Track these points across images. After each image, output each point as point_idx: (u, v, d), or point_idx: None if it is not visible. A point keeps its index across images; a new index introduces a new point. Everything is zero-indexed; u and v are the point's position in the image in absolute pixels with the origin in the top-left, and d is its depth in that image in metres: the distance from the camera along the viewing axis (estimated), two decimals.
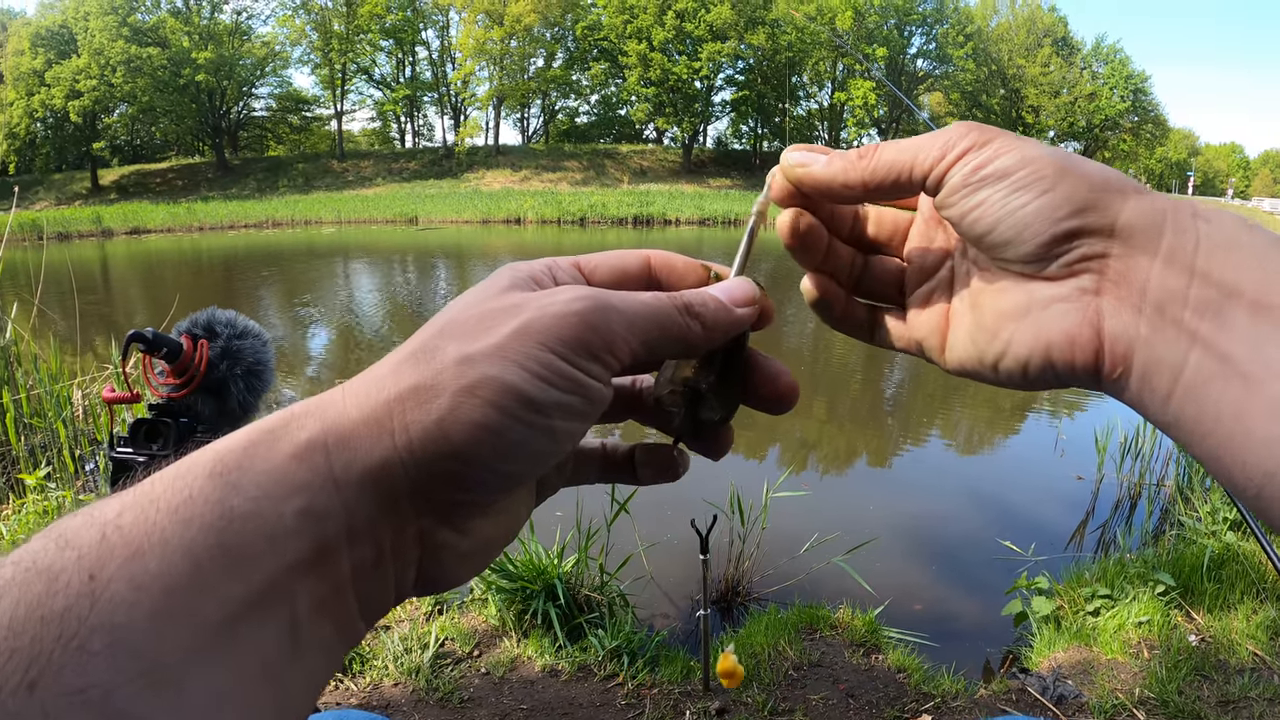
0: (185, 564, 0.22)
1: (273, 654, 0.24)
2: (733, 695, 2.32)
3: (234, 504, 0.23)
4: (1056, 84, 48.30)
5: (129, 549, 0.22)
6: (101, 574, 0.21)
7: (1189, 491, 3.75)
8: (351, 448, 0.26)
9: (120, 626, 0.20)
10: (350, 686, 2.32)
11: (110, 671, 0.20)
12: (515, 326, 0.28)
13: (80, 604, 0.20)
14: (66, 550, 0.21)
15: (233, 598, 0.23)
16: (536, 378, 0.27)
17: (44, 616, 0.20)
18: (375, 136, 58.03)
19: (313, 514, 0.25)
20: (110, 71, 40.36)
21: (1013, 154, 0.31)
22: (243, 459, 0.25)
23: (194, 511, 0.23)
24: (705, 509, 2.55)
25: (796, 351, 8.58)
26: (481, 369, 0.27)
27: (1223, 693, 2.31)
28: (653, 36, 43.96)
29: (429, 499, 0.27)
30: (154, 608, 0.21)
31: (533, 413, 0.27)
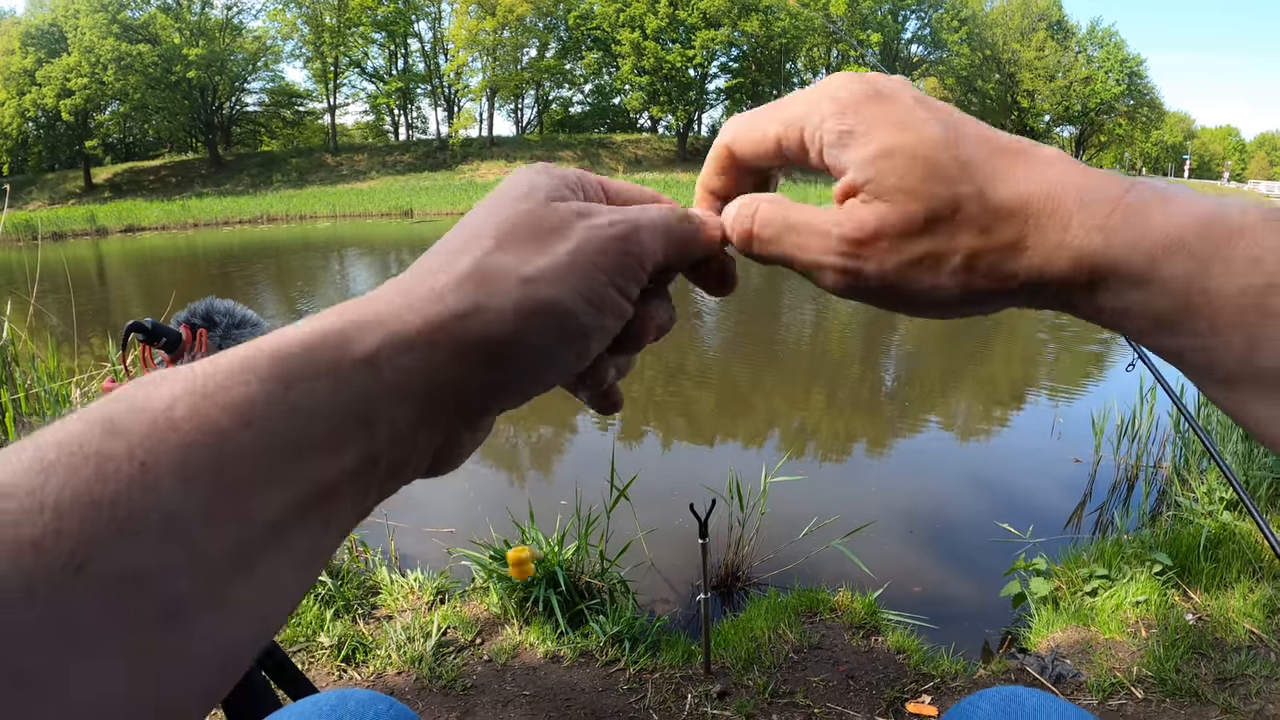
0: (239, 464, 0.22)
1: (308, 549, 0.25)
2: (734, 678, 2.33)
3: (292, 409, 0.24)
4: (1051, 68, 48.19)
5: (182, 441, 0.22)
6: (153, 463, 0.21)
7: (1186, 473, 3.77)
8: (411, 360, 0.26)
9: (173, 517, 0.21)
10: (354, 676, 2.33)
11: (160, 559, 0.20)
12: (570, 248, 0.30)
13: (131, 491, 0.20)
14: (115, 437, 0.21)
15: (282, 502, 0.23)
16: (588, 303, 0.29)
17: (94, 500, 0.20)
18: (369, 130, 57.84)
19: (366, 424, 0.25)
20: (101, 69, 40.16)
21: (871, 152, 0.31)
22: (304, 365, 0.25)
23: (253, 413, 0.23)
24: (704, 494, 2.57)
25: (795, 338, 8.60)
26: (543, 292, 0.28)
27: (1220, 670, 2.33)
28: (646, 25, 43.79)
29: (468, 407, 0.29)
30: (205, 502, 0.21)
31: (579, 335, 0.30)
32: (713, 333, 8.87)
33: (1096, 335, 8.02)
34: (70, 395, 3.83)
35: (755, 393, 6.40)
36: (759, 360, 7.51)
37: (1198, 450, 3.82)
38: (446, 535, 3.44)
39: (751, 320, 9.66)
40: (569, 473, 4.32)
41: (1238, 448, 3.63)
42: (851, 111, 0.32)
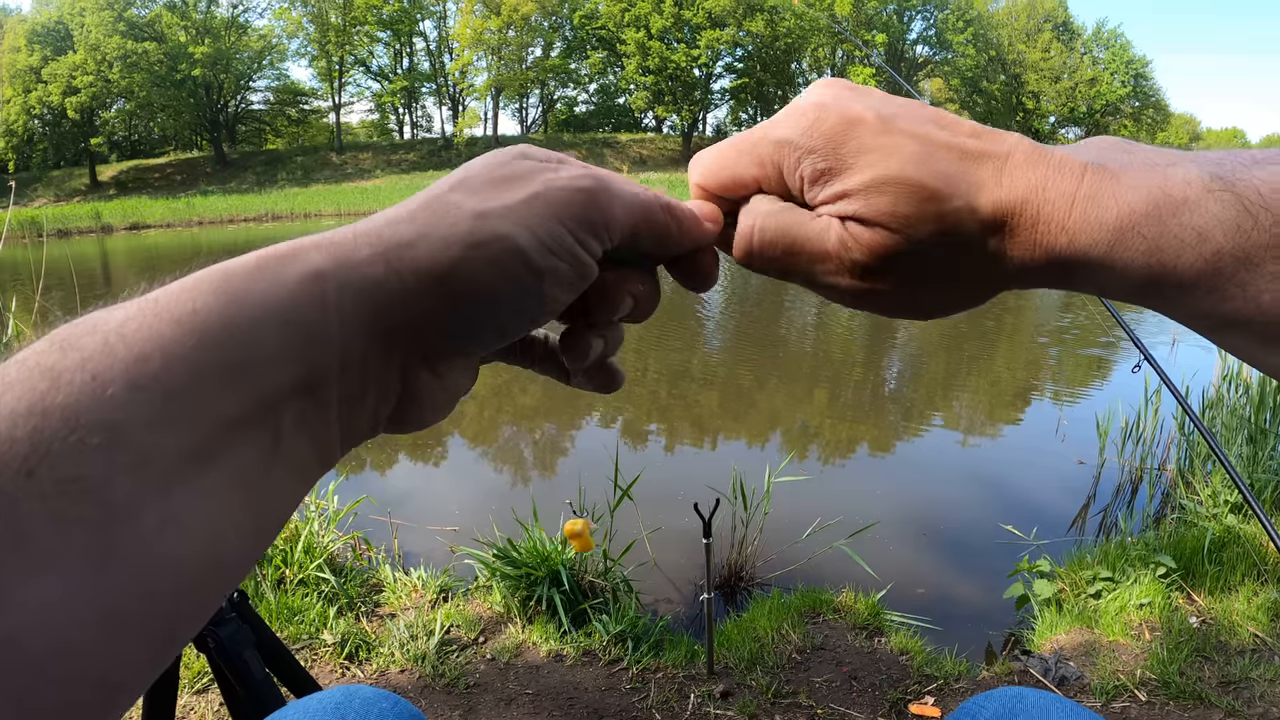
0: (186, 373, 0.23)
1: (254, 463, 0.25)
2: (737, 678, 2.33)
3: (238, 321, 0.24)
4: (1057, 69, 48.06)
5: (132, 354, 0.23)
6: (103, 375, 0.22)
7: (1190, 475, 3.76)
8: (356, 283, 0.27)
9: (119, 424, 0.21)
10: (357, 674, 2.34)
11: (106, 465, 0.21)
12: (528, 193, 0.30)
13: (81, 400, 0.21)
14: (70, 352, 0.22)
15: (227, 410, 0.24)
16: (541, 244, 0.29)
17: (45, 410, 0.21)
18: (374, 128, 57.87)
19: (312, 340, 0.26)
20: (107, 67, 40.23)
21: (862, 179, 0.32)
22: (250, 280, 0.26)
23: (198, 324, 0.24)
24: (708, 494, 2.57)
25: (798, 338, 8.59)
26: (493, 225, 0.29)
27: (1224, 673, 2.33)
28: (651, 24, 43.76)
29: (419, 340, 0.29)
30: (153, 410, 0.22)
31: (530, 275, 0.29)
32: (717, 333, 8.87)
33: (1100, 339, 8.00)
34: None
35: (759, 393, 6.39)
36: (763, 360, 7.51)
37: (1202, 452, 3.81)
38: (450, 533, 3.45)
39: (755, 320, 9.65)
40: (572, 471, 4.32)
41: (1243, 450, 3.62)
42: (827, 148, 0.33)
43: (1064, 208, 0.31)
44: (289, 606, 2.56)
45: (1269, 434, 3.67)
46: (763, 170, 0.35)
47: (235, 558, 0.25)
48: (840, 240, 0.33)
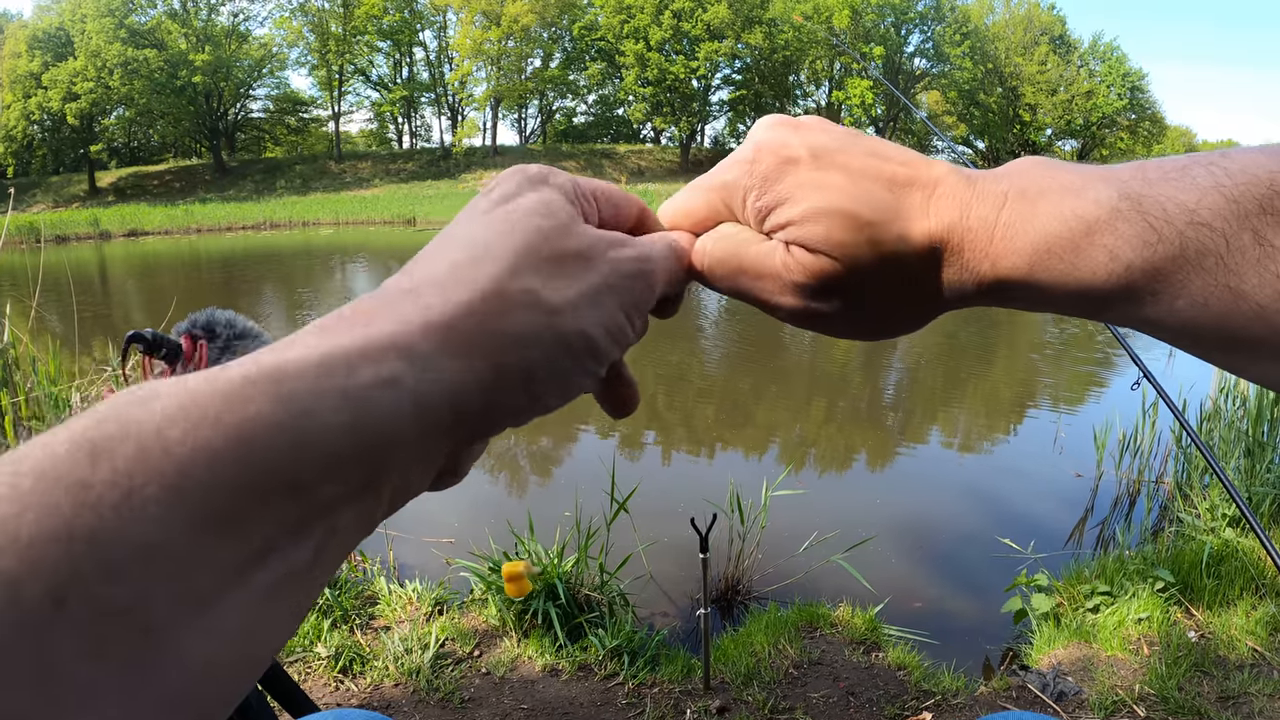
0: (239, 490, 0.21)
1: (304, 563, 0.23)
2: (733, 693, 2.32)
3: (301, 430, 0.22)
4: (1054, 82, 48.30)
5: (173, 466, 0.20)
6: (140, 491, 0.20)
7: (1188, 488, 3.76)
8: (437, 383, 0.26)
9: (160, 545, 0.19)
10: (351, 687, 2.32)
11: (139, 590, 0.19)
12: (599, 282, 0.31)
13: (115, 522, 0.19)
14: (101, 462, 0.20)
15: (283, 522, 0.22)
16: (608, 334, 0.30)
17: (72, 533, 0.19)
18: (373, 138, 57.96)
19: (384, 445, 0.24)
20: (107, 74, 40.28)
21: (803, 212, 0.35)
22: (316, 383, 0.23)
23: (256, 438, 0.21)
24: (705, 508, 2.56)
25: (795, 350, 8.59)
26: (575, 325, 0.29)
27: (1222, 688, 2.32)
28: (650, 36, 43.95)
29: (478, 426, 0.28)
30: (197, 530, 0.20)
31: (592, 361, 0.30)
32: (714, 345, 8.87)
33: (1096, 352, 8.02)
34: (70, 399, 3.82)
35: (756, 405, 6.39)
36: (760, 373, 7.51)
37: (1200, 466, 3.81)
38: (446, 546, 3.43)
39: (752, 333, 9.66)
40: (569, 484, 4.31)
41: (1240, 463, 3.62)
42: (768, 185, 0.35)
43: (985, 236, 0.33)
44: None
45: (1266, 447, 3.67)
46: (718, 212, 0.38)
47: (271, 649, 0.24)
48: (784, 263, 0.35)
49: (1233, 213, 0.29)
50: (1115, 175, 0.32)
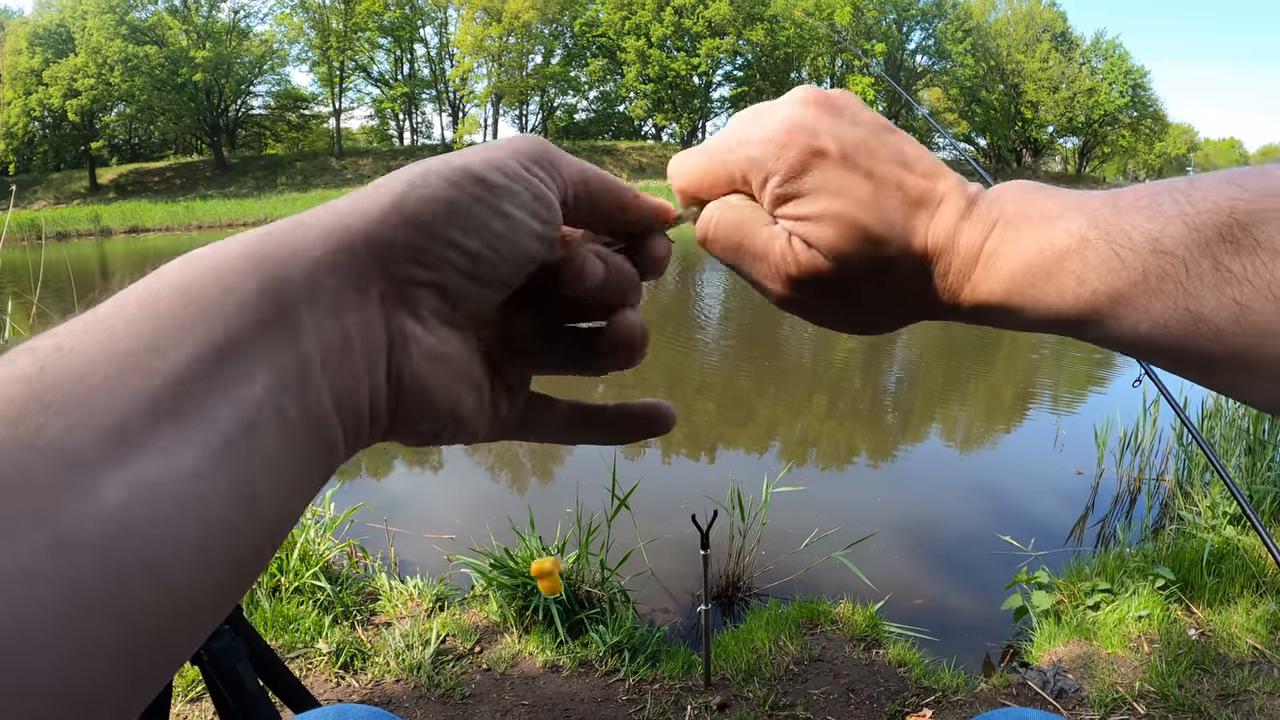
0: (148, 325, 0.23)
1: (231, 422, 0.23)
2: (734, 690, 2.32)
3: (191, 276, 0.24)
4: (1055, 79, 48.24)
5: (97, 324, 0.23)
6: (67, 344, 0.22)
7: (1189, 486, 3.76)
8: (311, 229, 0.27)
9: (81, 380, 0.21)
10: (352, 683, 2.32)
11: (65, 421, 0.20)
12: (485, 146, 0.31)
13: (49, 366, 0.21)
14: (45, 336, 0.22)
15: (189, 355, 0.22)
16: (489, 164, 0.30)
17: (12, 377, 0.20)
18: (373, 134, 57.94)
19: (271, 277, 0.25)
20: (108, 70, 40.28)
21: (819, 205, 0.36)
22: (208, 249, 0.25)
23: (160, 287, 0.24)
24: (706, 504, 2.56)
25: (796, 348, 8.59)
26: (445, 161, 0.30)
27: (1222, 686, 2.32)
28: (651, 33, 43.93)
29: (393, 275, 0.28)
30: (116, 365, 0.21)
31: (483, 188, 0.29)
32: (715, 341, 8.87)
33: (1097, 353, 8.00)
34: None
35: (757, 401, 6.39)
36: (761, 369, 7.51)
37: (1201, 463, 3.81)
38: (446, 542, 3.43)
39: (753, 329, 9.66)
40: (570, 480, 4.31)
41: (1241, 461, 3.62)
42: (792, 175, 0.36)
43: (970, 262, 0.36)
44: (284, 615, 2.55)
45: (1267, 445, 3.67)
46: (732, 182, 0.39)
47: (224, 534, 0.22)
48: (782, 252, 0.37)
49: (1194, 240, 0.31)
50: (1089, 203, 0.34)
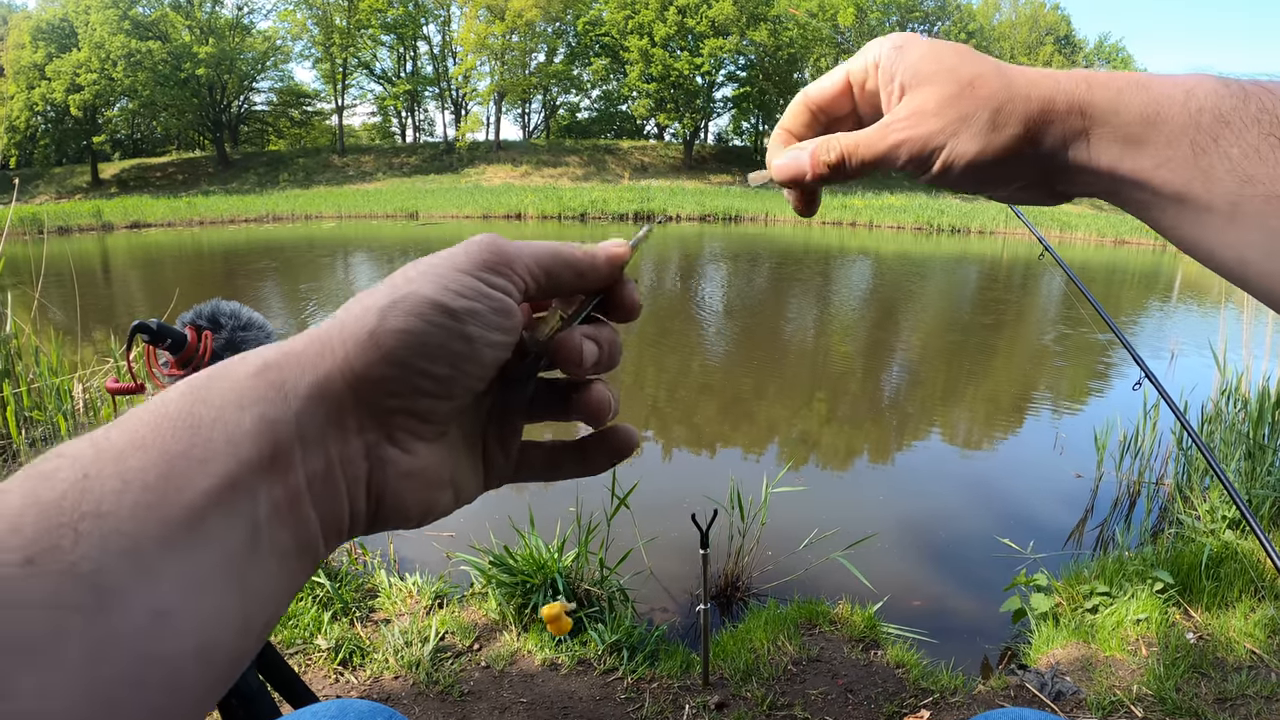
0: (160, 462, 0.26)
1: (236, 550, 0.27)
2: (732, 689, 2.32)
3: (200, 413, 0.27)
4: None
5: (114, 453, 0.25)
6: (92, 472, 0.25)
7: (1188, 490, 3.76)
8: (300, 365, 0.30)
9: (107, 514, 0.24)
10: (351, 679, 2.33)
11: (98, 550, 0.23)
12: (436, 259, 0.34)
13: (72, 495, 0.24)
14: (63, 458, 0.25)
15: (200, 490, 0.26)
16: (448, 289, 0.32)
17: (42, 505, 0.23)
18: (376, 131, 57.96)
19: (266, 420, 0.28)
20: (111, 65, 40.26)
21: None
22: (209, 380, 0.29)
23: (167, 421, 0.27)
24: (705, 504, 2.56)
25: (797, 347, 8.59)
26: (405, 289, 0.32)
27: (1220, 690, 2.32)
28: (654, 32, 43.87)
29: (370, 407, 0.31)
30: (135, 499, 0.24)
31: (447, 317, 0.31)
32: (715, 341, 8.87)
33: (1098, 353, 8.01)
34: (72, 390, 3.83)
35: (757, 402, 6.39)
36: (761, 369, 7.51)
37: (1200, 467, 3.81)
38: (446, 540, 3.44)
39: (754, 330, 9.66)
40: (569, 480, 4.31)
41: (1240, 465, 3.62)
42: (904, 39, 0.42)
43: (1076, 76, 0.40)
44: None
45: (1267, 449, 3.67)
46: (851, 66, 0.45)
47: (224, 649, 0.26)
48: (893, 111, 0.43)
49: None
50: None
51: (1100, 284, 14.53)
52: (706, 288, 12.58)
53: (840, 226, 28.97)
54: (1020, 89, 0.39)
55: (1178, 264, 17.90)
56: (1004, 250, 21.25)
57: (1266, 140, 0.34)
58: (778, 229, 26.80)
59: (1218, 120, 0.35)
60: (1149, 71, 0.40)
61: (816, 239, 23.26)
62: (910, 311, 11.45)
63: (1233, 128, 0.35)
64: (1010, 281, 15.19)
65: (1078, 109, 0.38)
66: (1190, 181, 0.36)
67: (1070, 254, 20.61)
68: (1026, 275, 15.50)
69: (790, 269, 15.99)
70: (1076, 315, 9.78)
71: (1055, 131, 0.39)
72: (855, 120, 0.47)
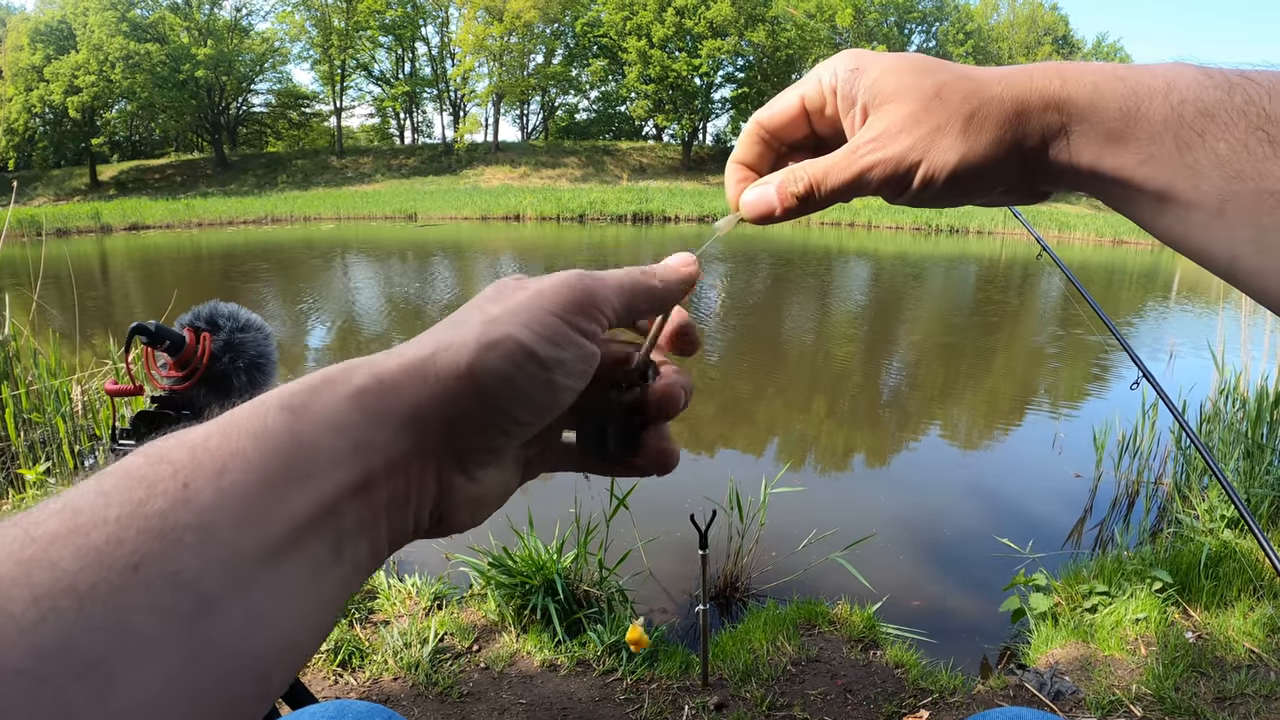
0: (261, 479, 0.27)
1: (322, 562, 0.28)
2: (731, 690, 2.32)
3: (300, 431, 0.28)
4: None
5: (215, 465, 0.26)
6: (193, 483, 0.25)
7: (1187, 489, 3.76)
8: (396, 394, 0.31)
9: (208, 525, 0.25)
10: (350, 681, 2.33)
11: (199, 560, 0.24)
12: (528, 295, 0.34)
13: (176, 506, 0.25)
14: (162, 464, 0.26)
15: (299, 512, 0.27)
16: (540, 337, 0.33)
17: (146, 514, 0.24)
18: (374, 133, 57.94)
19: (362, 446, 0.29)
20: (109, 67, 40.27)
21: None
22: (308, 398, 0.29)
23: (268, 437, 0.28)
24: (704, 504, 2.56)
25: (796, 348, 8.60)
26: (501, 328, 0.32)
27: (1219, 689, 2.32)
28: (652, 33, 43.91)
29: (451, 440, 0.32)
30: (235, 512, 0.26)
31: (538, 366, 0.32)
32: (714, 342, 8.87)
33: (1097, 354, 8.01)
34: (71, 392, 3.83)
35: (756, 402, 6.39)
36: (760, 370, 7.51)
37: (1199, 467, 3.81)
38: (445, 541, 3.43)
39: (753, 331, 9.66)
40: (569, 480, 4.31)
41: (1239, 465, 3.62)
42: (858, 59, 0.42)
43: (1050, 69, 0.39)
44: None
45: (1265, 449, 3.67)
46: (806, 88, 0.44)
47: (301, 650, 0.28)
48: (859, 134, 0.42)
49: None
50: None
51: (1099, 284, 14.55)
52: (704, 289, 12.58)
53: (839, 227, 29.00)
54: (991, 90, 0.38)
55: (1176, 264, 17.91)
56: (1002, 250, 21.27)
57: (1254, 135, 0.33)
58: (775, 230, 26.81)
59: (1201, 114, 0.34)
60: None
61: (815, 239, 23.27)
62: (909, 312, 11.46)
63: (1218, 121, 0.34)
64: (1009, 282, 15.21)
65: (1054, 105, 0.37)
66: (1175, 178, 0.35)
67: (1069, 254, 20.63)
68: (1025, 275, 15.52)
69: (788, 270, 16.00)
70: (1075, 315, 9.79)
71: (1033, 131, 0.38)
72: (814, 144, 0.46)
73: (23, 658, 0.21)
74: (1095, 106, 0.36)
